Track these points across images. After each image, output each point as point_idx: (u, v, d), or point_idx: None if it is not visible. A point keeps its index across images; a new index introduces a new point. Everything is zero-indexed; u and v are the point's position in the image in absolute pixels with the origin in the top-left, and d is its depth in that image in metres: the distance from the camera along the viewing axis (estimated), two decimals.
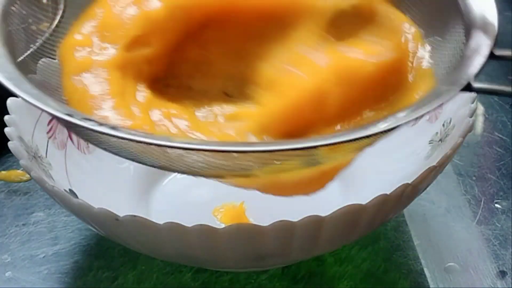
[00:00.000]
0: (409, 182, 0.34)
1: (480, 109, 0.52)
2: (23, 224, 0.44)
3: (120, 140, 0.28)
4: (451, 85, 0.29)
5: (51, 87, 0.33)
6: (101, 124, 0.28)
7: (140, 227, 0.33)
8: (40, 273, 0.41)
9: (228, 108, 0.34)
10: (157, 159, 0.30)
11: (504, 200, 0.45)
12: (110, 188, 0.43)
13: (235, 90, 0.35)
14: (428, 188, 0.39)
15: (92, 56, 0.32)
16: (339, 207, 0.33)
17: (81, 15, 0.34)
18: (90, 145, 0.44)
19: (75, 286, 0.40)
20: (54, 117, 0.30)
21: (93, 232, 0.42)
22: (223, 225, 0.37)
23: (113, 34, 0.33)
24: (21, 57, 0.33)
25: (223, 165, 0.29)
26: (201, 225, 0.32)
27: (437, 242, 0.42)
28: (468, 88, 0.29)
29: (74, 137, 0.43)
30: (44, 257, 0.42)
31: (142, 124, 0.31)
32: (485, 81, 0.29)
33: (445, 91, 0.29)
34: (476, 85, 0.29)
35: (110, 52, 0.33)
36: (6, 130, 0.38)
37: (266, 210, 0.43)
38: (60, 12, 0.35)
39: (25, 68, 0.32)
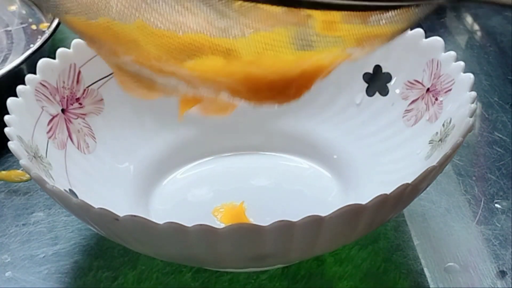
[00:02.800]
0: (409, 182, 0.34)
1: (480, 109, 0.52)
2: (23, 224, 0.44)
3: None
4: None
5: None
6: None
7: (140, 227, 0.33)
8: (40, 273, 0.41)
9: None
10: None
11: (504, 200, 0.45)
12: (110, 188, 0.43)
13: None
14: (428, 188, 0.39)
15: None
16: (339, 207, 0.33)
17: None
18: (90, 145, 0.44)
19: (75, 286, 0.40)
20: None
21: (93, 232, 0.42)
22: (223, 225, 0.37)
23: None
24: None
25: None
26: (201, 225, 0.32)
27: (437, 242, 0.42)
28: None
29: (74, 137, 0.43)
30: (44, 257, 0.42)
31: None
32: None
33: None
34: None
35: None
36: (6, 130, 0.38)
37: (266, 210, 0.43)
38: None
39: None
